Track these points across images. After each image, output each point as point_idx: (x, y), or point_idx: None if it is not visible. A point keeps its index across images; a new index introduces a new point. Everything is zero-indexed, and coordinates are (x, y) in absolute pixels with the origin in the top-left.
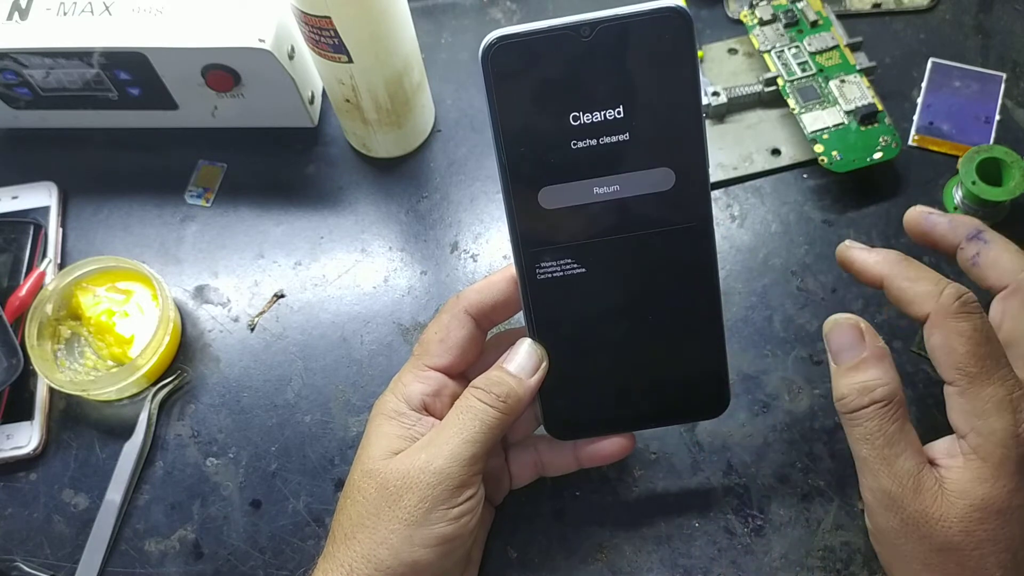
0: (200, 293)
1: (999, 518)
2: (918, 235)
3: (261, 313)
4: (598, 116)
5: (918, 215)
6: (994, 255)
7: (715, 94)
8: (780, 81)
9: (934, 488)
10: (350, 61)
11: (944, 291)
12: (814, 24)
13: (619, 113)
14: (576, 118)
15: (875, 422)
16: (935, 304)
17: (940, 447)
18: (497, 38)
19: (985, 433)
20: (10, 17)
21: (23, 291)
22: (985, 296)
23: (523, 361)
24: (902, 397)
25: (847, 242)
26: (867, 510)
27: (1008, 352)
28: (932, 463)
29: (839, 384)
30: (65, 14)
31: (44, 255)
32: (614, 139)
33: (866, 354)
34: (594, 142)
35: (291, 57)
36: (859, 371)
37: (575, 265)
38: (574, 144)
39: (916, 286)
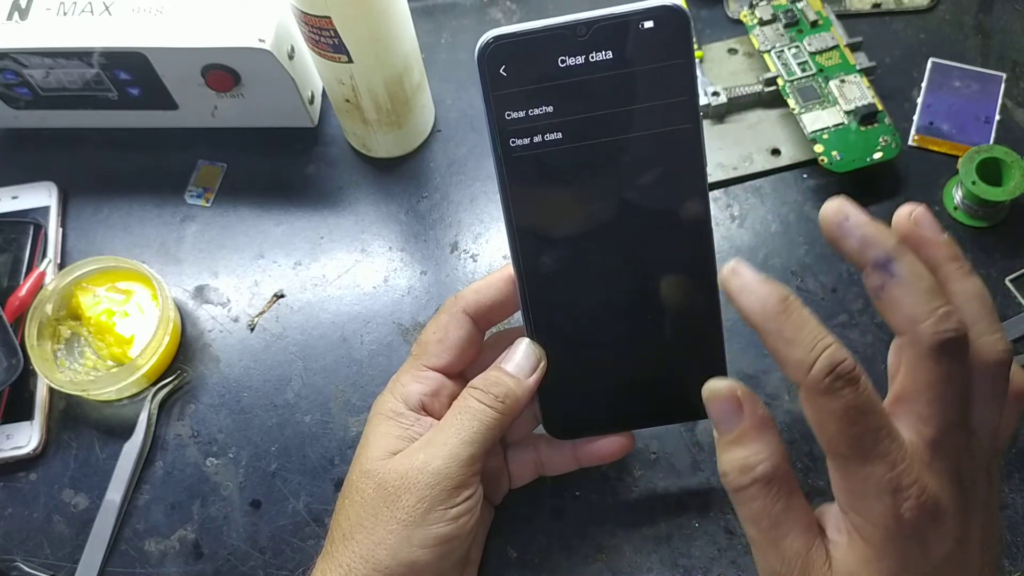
0: (200, 293)
1: None
2: (829, 239)
3: (261, 313)
4: (595, 115)
5: (832, 215)
6: (898, 294)
7: (715, 94)
8: (780, 81)
9: (822, 569)
10: (350, 61)
11: (815, 363)
12: (814, 24)
13: (616, 112)
14: (573, 117)
15: (759, 502)
16: (804, 377)
17: (831, 517)
18: (493, 38)
19: (865, 515)
20: (10, 17)
21: (23, 291)
22: None
23: (521, 361)
24: (787, 470)
25: (732, 264)
26: None
27: (899, 408)
28: (824, 532)
29: (721, 459)
30: (65, 14)
31: (44, 255)
32: (611, 138)
33: (745, 425)
34: (591, 141)
35: (291, 57)
36: (739, 446)
37: (574, 265)
38: (571, 143)
39: (788, 351)
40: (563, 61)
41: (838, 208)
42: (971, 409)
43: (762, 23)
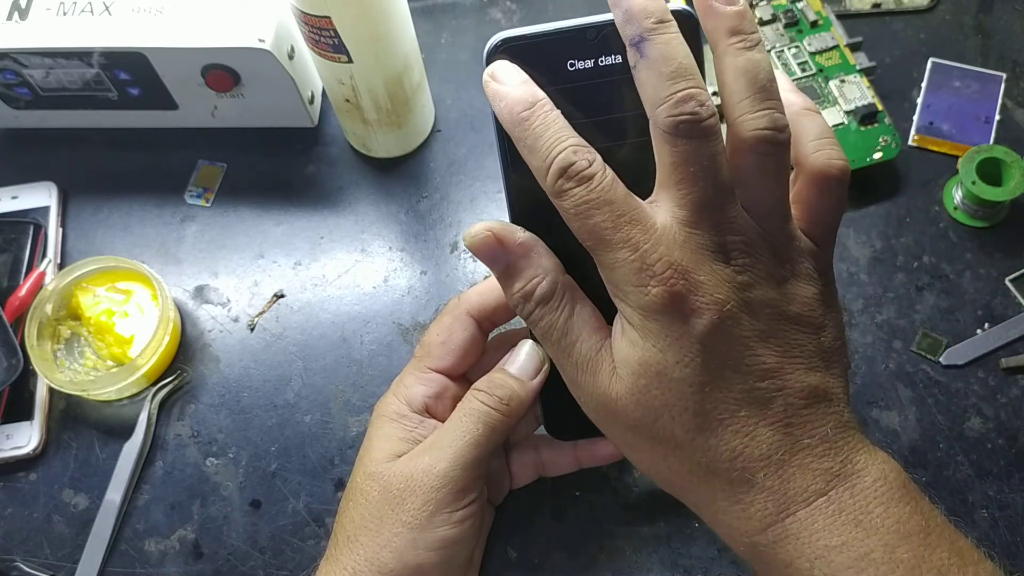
0: (200, 293)
1: (662, 382)
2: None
3: (261, 313)
4: (603, 118)
5: None
6: (643, 77)
7: (715, 94)
8: None
9: (609, 367)
10: (350, 61)
11: (550, 168)
12: (814, 24)
13: (624, 115)
14: (580, 120)
15: (546, 319)
16: (544, 183)
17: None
18: (502, 40)
19: (623, 299)
20: (10, 17)
21: (23, 291)
22: None
23: (525, 363)
24: (565, 282)
25: (494, 67)
26: (576, 399)
27: (658, 196)
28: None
29: (507, 296)
30: (65, 14)
31: (44, 255)
32: (619, 142)
33: (510, 258)
34: (599, 145)
35: (291, 57)
36: (513, 278)
37: (576, 267)
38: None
39: (531, 158)
40: (572, 64)
41: None
42: (739, 188)
43: (762, 23)
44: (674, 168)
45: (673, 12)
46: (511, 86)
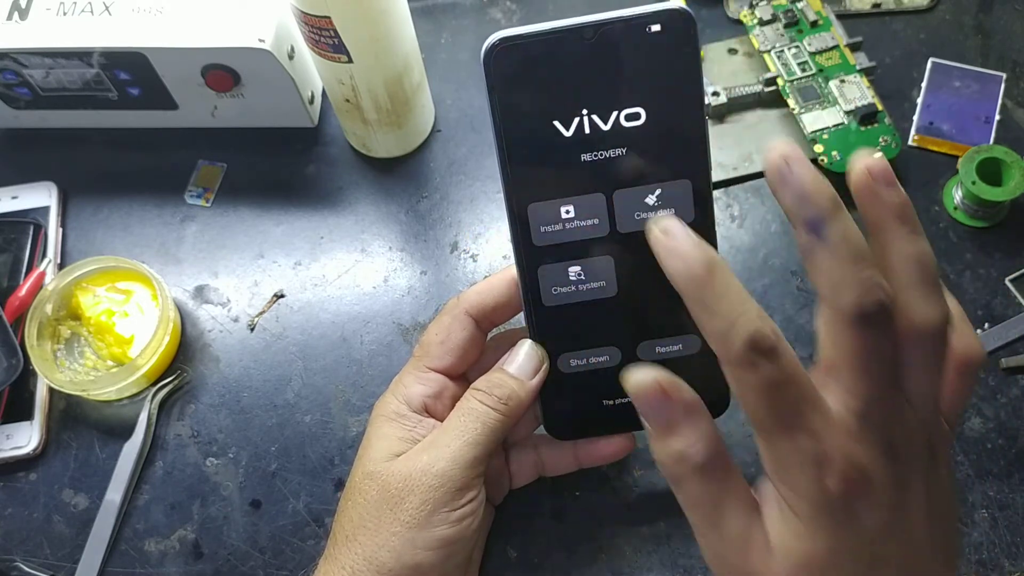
0: (200, 293)
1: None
2: (768, 185)
3: (261, 313)
4: (600, 118)
5: (775, 160)
6: (824, 261)
7: (715, 94)
8: (780, 81)
9: (762, 547)
10: (350, 61)
11: (735, 334)
12: (814, 24)
13: (622, 115)
14: (579, 120)
15: (696, 487)
16: (723, 349)
17: (767, 491)
18: (500, 39)
19: (793, 487)
20: (10, 17)
21: (23, 291)
22: None
23: (524, 362)
24: (721, 452)
25: (663, 222)
26: (707, 563)
27: (828, 378)
28: (761, 508)
29: (655, 450)
30: (65, 14)
31: (44, 255)
32: (616, 141)
33: (673, 415)
34: (596, 143)
35: (291, 57)
36: (671, 436)
37: (576, 266)
38: (576, 146)
39: (711, 320)
40: (570, 63)
41: (783, 153)
42: (904, 378)
43: (762, 23)
44: (854, 356)
45: (674, 11)
46: (688, 244)
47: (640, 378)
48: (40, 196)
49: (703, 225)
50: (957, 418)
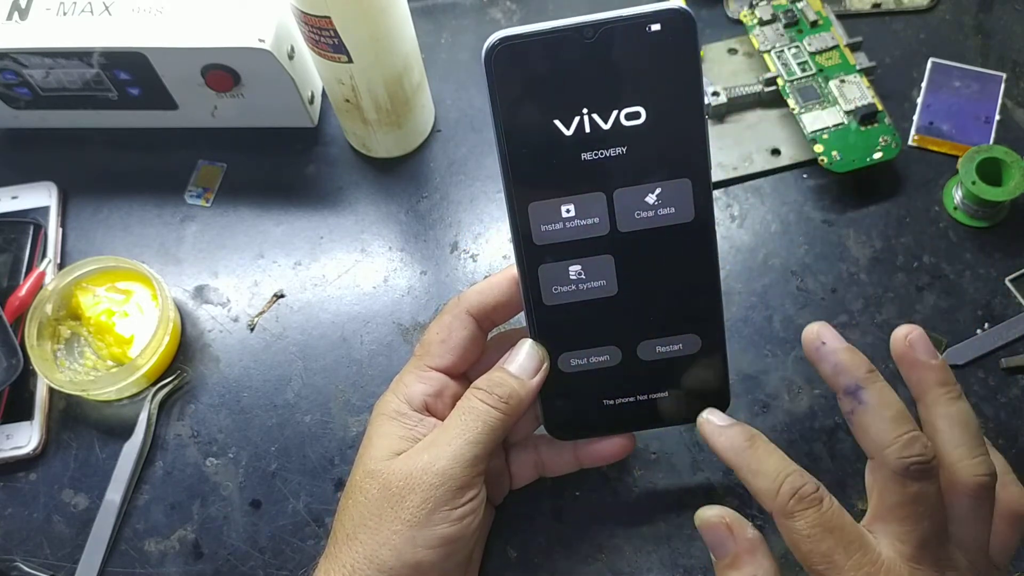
0: (200, 293)
1: None
2: (809, 359)
3: (261, 313)
4: (601, 117)
5: (811, 340)
6: (867, 421)
7: (715, 94)
8: (780, 81)
9: None
10: (350, 61)
11: (780, 489)
12: (814, 24)
13: (622, 114)
14: (579, 119)
15: None
16: (772, 504)
17: None
18: (500, 39)
19: None
20: (10, 17)
21: (23, 291)
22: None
23: (524, 362)
24: None
25: (705, 414)
26: None
27: (876, 526)
28: None
29: None
30: (65, 14)
31: (44, 255)
32: (617, 140)
33: (737, 550)
34: (596, 143)
35: (291, 57)
36: (733, 569)
37: (577, 265)
38: (576, 145)
39: (756, 481)
40: (570, 62)
41: (817, 333)
42: (954, 528)
43: (762, 23)
44: (901, 506)
45: (673, 11)
46: (725, 425)
47: (709, 515)
48: (40, 196)
49: (703, 224)
50: (1007, 564)
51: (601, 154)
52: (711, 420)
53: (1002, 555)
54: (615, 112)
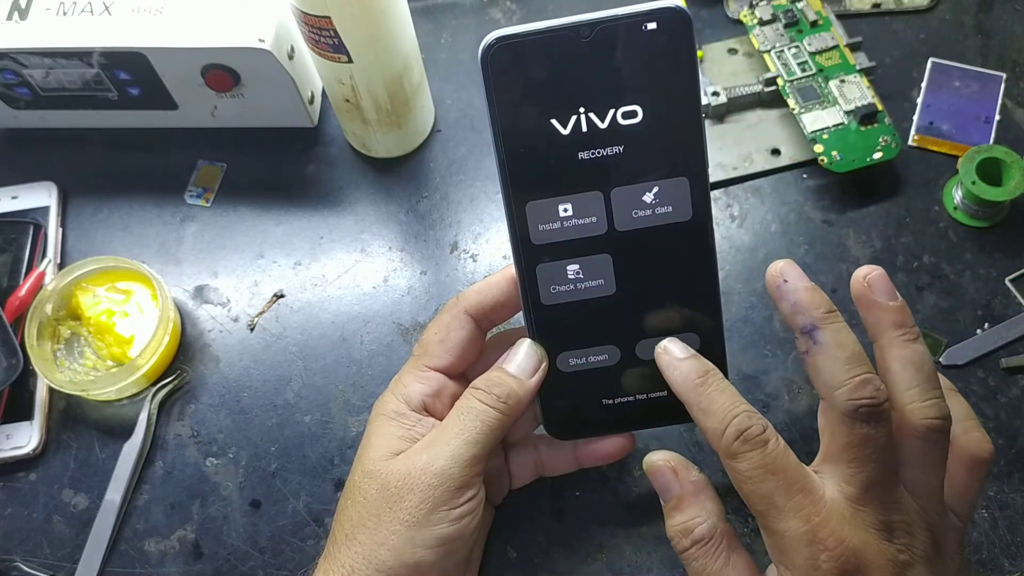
0: (200, 293)
1: None
2: (771, 296)
3: (261, 313)
4: (597, 116)
5: (772, 277)
6: (819, 361)
7: (715, 94)
8: (780, 81)
9: None
10: (350, 61)
11: (726, 430)
12: (814, 24)
13: (619, 113)
14: (576, 118)
15: (699, 562)
16: (719, 444)
17: (770, 571)
18: (496, 39)
19: (789, 567)
20: (10, 17)
21: (23, 291)
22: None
23: (523, 361)
24: (724, 528)
25: (664, 343)
26: None
27: (825, 467)
28: None
29: (667, 525)
30: (65, 14)
31: (44, 255)
32: (614, 139)
33: (679, 492)
34: (594, 142)
35: (291, 57)
36: (678, 511)
37: (575, 264)
38: (573, 144)
39: (705, 420)
40: (566, 62)
41: (781, 270)
42: (904, 471)
43: (762, 23)
44: (848, 448)
45: (669, 9)
46: (682, 358)
47: (655, 459)
48: (40, 196)
49: (700, 223)
50: (969, 512)
51: (598, 153)
52: (669, 350)
53: (961, 502)
54: (612, 111)
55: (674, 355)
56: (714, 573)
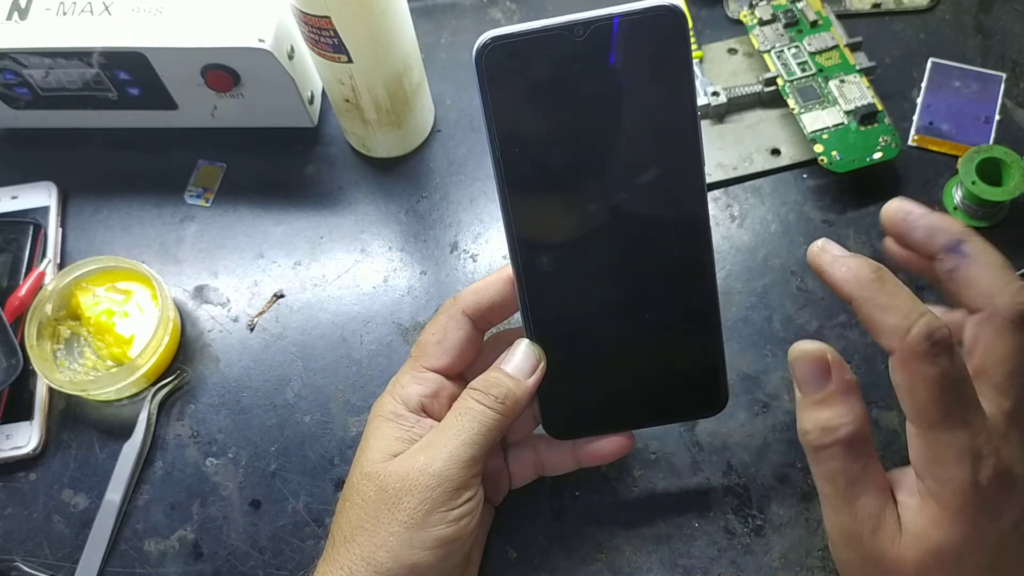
0: (200, 293)
1: (954, 564)
2: (895, 236)
3: (261, 313)
4: (593, 115)
5: (895, 213)
6: (972, 272)
7: (715, 94)
8: (780, 81)
9: (893, 529)
10: (350, 61)
11: (912, 328)
12: (814, 24)
13: (614, 112)
14: (571, 117)
15: (838, 462)
16: (901, 342)
17: (903, 481)
18: (491, 39)
19: (943, 480)
20: (10, 17)
21: (23, 291)
22: None
23: (521, 362)
24: (868, 434)
25: (820, 243)
26: (829, 541)
27: (978, 382)
28: (894, 495)
29: (803, 418)
30: (65, 14)
31: (44, 255)
32: (609, 139)
33: (832, 388)
34: (589, 142)
35: (291, 57)
36: (824, 407)
37: (572, 265)
38: (569, 144)
39: (885, 317)
40: (561, 61)
41: (899, 206)
42: None
43: (762, 23)
44: (1009, 358)
45: (664, 8)
46: (845, 255)
47: (810, 347)
48: (40, 196)
49: (698, 221)
50: None
51: (594, 152)
52: (827, 248)
53: None
54: (607, 110)
55: (834, 252)
56: (852, 476)
